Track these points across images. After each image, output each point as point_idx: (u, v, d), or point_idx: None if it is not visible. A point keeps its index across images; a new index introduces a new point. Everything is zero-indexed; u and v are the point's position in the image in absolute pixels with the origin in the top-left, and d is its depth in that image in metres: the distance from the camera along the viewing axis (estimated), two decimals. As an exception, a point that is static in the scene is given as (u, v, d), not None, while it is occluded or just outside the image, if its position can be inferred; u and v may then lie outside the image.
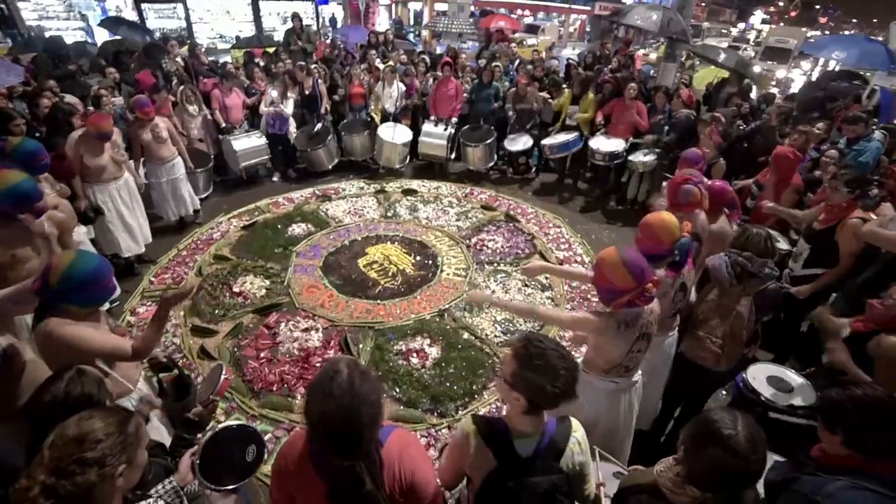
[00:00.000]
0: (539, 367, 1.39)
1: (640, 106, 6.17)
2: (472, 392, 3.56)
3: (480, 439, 1.50)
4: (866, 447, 1.41)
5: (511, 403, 1.49)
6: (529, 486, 1.42)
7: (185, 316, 4.24)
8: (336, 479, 1.30)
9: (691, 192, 2.88)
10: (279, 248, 5.28)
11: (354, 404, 1.21)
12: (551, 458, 1.49)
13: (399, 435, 1.44)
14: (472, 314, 4.37)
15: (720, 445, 1.25)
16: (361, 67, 7.61)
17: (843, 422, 1.46)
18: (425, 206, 6.37)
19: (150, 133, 4.96)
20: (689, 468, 1.35)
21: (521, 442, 1.48)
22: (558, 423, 1.55)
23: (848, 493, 1.36)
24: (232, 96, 6.51)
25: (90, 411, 1.27)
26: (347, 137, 7.12)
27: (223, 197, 6.49)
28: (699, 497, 1.33)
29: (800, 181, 4.22)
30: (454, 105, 7.07)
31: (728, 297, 2.41)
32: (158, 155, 5.10)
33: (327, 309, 4.37)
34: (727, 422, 1.28)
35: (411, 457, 1.41)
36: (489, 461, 1.47)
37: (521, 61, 9.02)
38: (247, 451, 1.65)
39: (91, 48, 9.79)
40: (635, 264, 1.95)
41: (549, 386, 1.37)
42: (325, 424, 1.22)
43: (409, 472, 1.37)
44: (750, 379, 2.48)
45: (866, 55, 8.15)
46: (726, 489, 1.31)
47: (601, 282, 2.03)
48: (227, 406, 3.39)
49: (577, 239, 5.75)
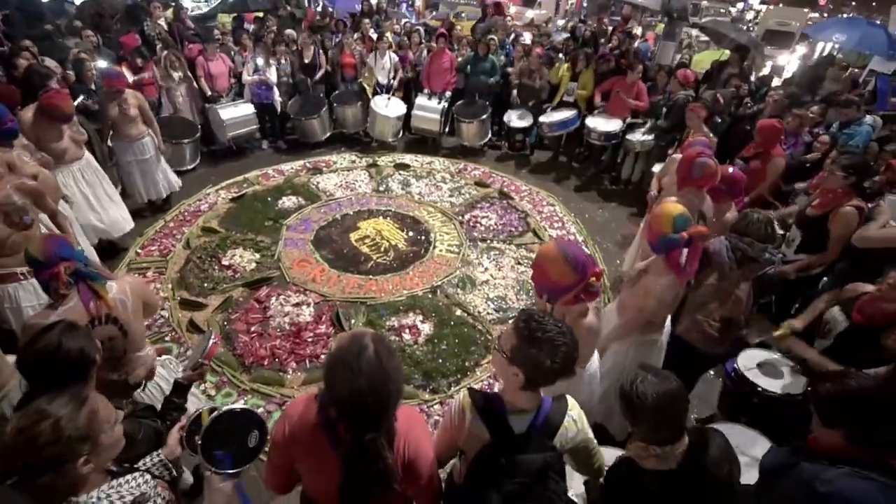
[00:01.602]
0: (539, 343, 1.38)
1: (641, 86, 6.07)
2: (465, 368, 3.57)
3: (476, 413, 1.50)
4: (869, 440, 1.41)
5: (508, 379, 1.48)
6: (522, 463, 1.42)
7: (173, 289, 4.16)
8: (352, 451, 1.29)
9: (706, 164, 2.83)
10: (269, 221, 5.18)
11: (384, 381, 1.22)
12: (546, 435, 1.49)
13: (406, 412, 1.44)
14: (464, 291, 4.35)
15: (645, 397, 1.44)
16: (354, 37, 7.36)
17: (843, 418, 1.45)
18: (418, 182, 6.27)
19: (117, 108, 4.48)
20: (640, 430, 1.53)
21: (516, 418, 1.48)
22: (554, 401, 1.55)
23: (849, 480, 1.37)
24: (217, 63, 6.26)
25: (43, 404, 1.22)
26: (339, 109, 6.94)
27: (210, 168, 6.31)
28: (660, 454, 1.47)
29: (782, 153, 4.19)
30: (449, 78, 6.90)
31: (727, 282, 2.41)
32: (126, 132, 4.62)
33: (319, 283, 4.33)
34: (638, 378, 1.49)
35: (416, 434, 1.41)
36: (483, 436, 1.47)
37: (517, 35, 8.81)
38: (250, 436, 1.62)
39: (69, 7, 9.32)
40: (576, 258, 1.89)
41: (548, 361, 1.37)
42: (355, 401, 1.22)
43: (413, 449, 1.38)
44: (741, 367, 2.50)
45: (866, 39, 7.95)
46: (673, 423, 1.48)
47: (542, 280, 1.97)
48: (218, 380, 3.37)
49: (571, 218, 5.73)
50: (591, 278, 1.92)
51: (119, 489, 1.30)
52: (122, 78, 4.56)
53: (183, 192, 5.64)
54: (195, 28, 7.48)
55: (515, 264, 4.77)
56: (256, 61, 6.36)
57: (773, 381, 2.46)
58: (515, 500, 1.41)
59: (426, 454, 1.43)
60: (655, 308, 2.26)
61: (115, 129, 4.62)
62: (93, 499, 1.25)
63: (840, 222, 3.12)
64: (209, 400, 3.20)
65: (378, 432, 1.27)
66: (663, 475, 1.47)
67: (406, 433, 1.39)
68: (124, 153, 4.75)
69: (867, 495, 1.34)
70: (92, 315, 1.92)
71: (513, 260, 4.83)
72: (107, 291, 1.99)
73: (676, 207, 2.25)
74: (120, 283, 2.11)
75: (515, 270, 4.69)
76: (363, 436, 1.26)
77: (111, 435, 1.31)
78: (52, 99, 3.69)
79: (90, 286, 1.95)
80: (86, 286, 1.94)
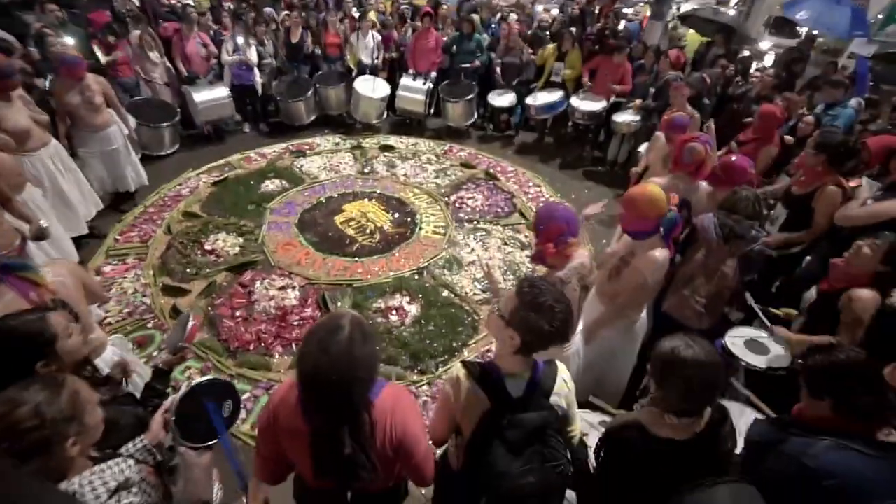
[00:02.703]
0: (539, 307, 1.41)
1: (627, 67, 6.03)
2: (452, 349, 3.56)
3: (472, 381, 1.51)
4: (854, 411, 1.43)
5: (503, 342, 1.50)
6: (522, 423, 1.44)
7: (154, 275, 4.08)
8: (316, 438, 1.29)
9: (695, 149, 2.82)
10: (252, 205, 5.09)
11: (349, 366, 1.20)
12: (541, 395, 1.51)
13: (392, 391, 1.43)
14: (451, 272, 4.34)
15: (685, 365, 1.36)
16: (337, 16, 7.17)
17: (831, 389, 1.47)
18: (403, 163, 6.20)
19: (80, 95, 4.06)
20: (665, 397, 1.44)
21: (512, 381, 1.50)
22: (546, 364, 1.57)
23: (834, 453, 1.39)
24: (192, 43, 6.04)
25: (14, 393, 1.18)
26: (323, 90, 6.79)
27: (191, 152, 6.15)
28: (676, 425, 1.44)
29: (777, 142, 4.23)
30: (434, 59, 6.78)
31: (714, 258, 2.42)
32: (90, 122, 4.20)
33: (304, 266, 4.27)
34: (682, 344, 1.40)
35: (403, 413, 1.39)
36: (482, 402, 1.49)
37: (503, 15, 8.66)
38: (223, 406, 1.60)
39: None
40: (539, 215, 2.12)
41: (546, 325, 1.40)
42: (315, 378, 1.21)
43: (400, 428, 1.37)
44: (729, 345, 2.53)
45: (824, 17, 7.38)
46: (704, 400, 1.43)
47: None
48: (203, 366, 3.31)
49: (557, 198, 5.72)
50: (549, 243, 2.11)
51: (102, 475, 1.27)
52: (81, 64, 4.10)
53: (163, 177, 5.52)
54: (170, 4, 7.21)
55: (502, 245, 4.76)
56: (236, 40, 6.16)
57: (758, 357, 2.52)
58: (519, 449, 1.44)
59: (415, 432, 1.41)
60: (654, 286, 2.26)
61: (77, 120, 4.18)
62: (74, 485, 1.22)
63: (824, 201, 3.16)
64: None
65: (339, 419, 1.26)
66: (674, 444, 1.45)
67: (392, 412, 1.37)
68: (87, 144, 4.31)
69: (852, 467, 1.36)
70: (36, 304, 1.78)
71: (499, 240, 4.81)
72: (42, 277, 1.87)
73: (658, 187, 2.22)
74: (56, 268, 2.00)
75: (502, 251, 4.68)
76: (325, 422, 1.25)
77: (94, 416, 1.29)
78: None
79: (21, 277, 1.82)
80: (15, 278, 1.81)
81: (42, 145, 3.71)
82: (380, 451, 1.35)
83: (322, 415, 1.26)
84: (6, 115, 3.42)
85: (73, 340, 1.53)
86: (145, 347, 3.41)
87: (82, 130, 4.24)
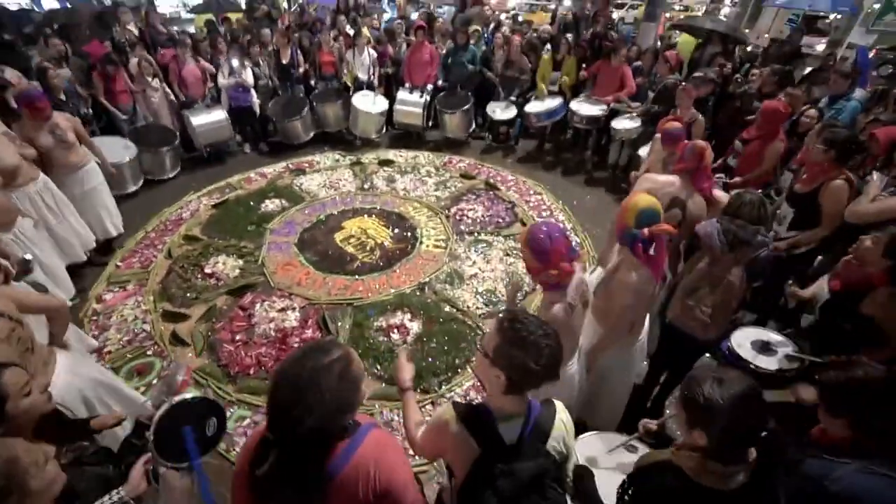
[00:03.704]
0: (524, 344, 1.31)
1: (626, 70, 5.98)
2: (455, 366, 3.49)
3: (461, 426, 1.41)
4: (875, 430, 1.35)
5: (490, 382, 1.40)
6: (516, 472, 1.33)
7: (154, 301, 4.05)
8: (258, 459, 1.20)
9: (696, 146, 2.89)
10: (252, 226, 5.07)
11: (313, 393, 1.13)
12: (538, 441, 1.41)
13: (377, 436, 1.33)
14: (453, 286, 4.27)
15: (724, 407, 1.23)
16: (331, 34, 7.22)
17: (850, 406, 1.39)
18: (403, 177, 6.17)
19: (51, 135, 3.83)
20: (701, 440, 1.30)
21: (506, 425, 1.40)
22: (542, 405, 1.47)
23: (859, 477, 1.30)
24: (189, 67, 6.09)
25: None
26: (320, 107, 6.81)
27: (191, 175, 6.18)
28: (721, 472, 1.30)
29: (783, 137, 4.14)
30: (429, 71, 6.78)
31: (719, 266, 2.32)
32: (65, 162, 3.96)
33: (304, 287, 4.23)
34: (715, 382, 1.26)
35: (388, 460, 1.30)
36: (472, 449, 1.38)
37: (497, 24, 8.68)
38: (207, 424, 1.53)
39: (36, 17, 9.09)
40: (538, 245, 1.89)
41: (532, 363, 1.29)
42: (274, 384, 1.17)
43: (385, 475, 1.27)
44: (735, 346, 2.43)
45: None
46: (749, 441, 1.29)
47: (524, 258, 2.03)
48: (203, 392, 3.26)
49: (559, 206, 5.65)
50: (552, 270, 1.89)
51: None
52: (42, 100, 3.78)
53: (164, 201, 5.54)
54: (168, 32, 7.30)
55: (504, 256, 4.69)
56: (231, 63, 6.20)
57: (767, 359, 2.41)
58: (513, 502, 1.32)
59: (401, 482, 1.30)
60: (634, 303, 2.17)
61: (51, 159, 3.87)
62: None
63: (830, 197, 3.06)
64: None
65: (283, 443, 1.17)
66: (720, 496, 1.29)
67: (375, 459, 1.27)
68: (66, 185, 4.00)
69: (878, 493, 1.27)
70: None
71: (501, 252, 4.74)
72: None
73: (645, 200, 2.14)
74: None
75: (504, 262, 4.60)
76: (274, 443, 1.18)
77: (43, 477, 1.19)
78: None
79: None
80: None
81: (30, 180, 3.60)
82: (362, 500, 1.25)
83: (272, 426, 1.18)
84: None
85: (30, 399, 1.43)
86: (145, 375, 3.37)
87: (59, 172, 3.96)
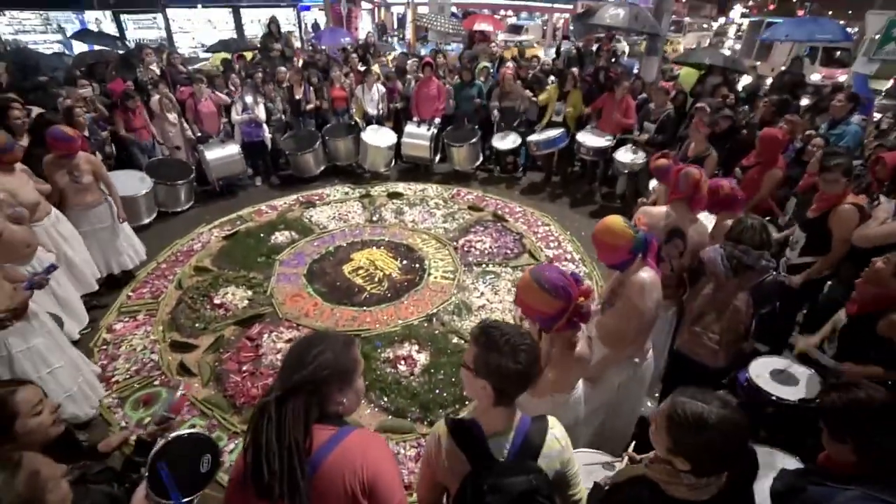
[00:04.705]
0: (499, 346, 1.33)
1: (629, 102, 6.10)
2: (462, 398, 3.43)
3: (452, 441, 1.41)
4: (879, 454, 1.31)
5: (479, 395, 1.40)
6: (505, 488, 1.30)
7: (163, 331, 4.08)
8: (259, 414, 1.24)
9: (689, 173, 2.76)
10: (262, 258, 5.14)
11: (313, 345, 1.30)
12: (528, 456, 1.39)
13: (364, 432, 1.35)
14: (460, 318, 4.26)
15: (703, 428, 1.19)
16: (343, 71, 7.50)
17: (852, 430, 1.35)
18: (411, 209, 6.25)
19: (68, 175, 3.94)
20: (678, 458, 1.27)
21: (495, 441, 1.40)
22: (533, 420, 1.46)
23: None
24: (205, 103, 6.34)
25: None
26: (331, 142, 7.00)
27: (205, 207, 6.32)
28: (694, 484, 1.27)
29: (782, 164, 4.15)
30: (437, 106, 6.97)
31: (724, 292, 2.30)
32: (78, 201, 4.07)
33: (312, 318, 4.24)
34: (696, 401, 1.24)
35: (376, 453, 1.29)
36: (463, 465, 1.38)
37: (502, 59, 8.95)
38: (201, 460, 1.52)
39: (67, 60, 9.56)
40: (553, 283, 1.80)
41: (511, 363, 1.31)
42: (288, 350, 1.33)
43: (372, 468, 1.25)
44: (754, 377, 2.37)
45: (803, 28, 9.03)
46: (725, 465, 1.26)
47: (530, 313, 1.89)
48: (208, 423, 3.24)
49: (567, 236, 5.66)
50: (580, 299, 1.82)
51: None
52: (70, 141, 3.90)
53: (176, 232, 5.65)
54: (187, 72, 7.63)
55: (512, 287, 4.68)
56: (245, 100, 6.44)
57: (788, 389, 2.34)
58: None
59: (389, 476, 1.29)
60: (652, 310, 2.14)
61: (64, 198, 4.00)
62: None
63: (840, 221, 3.06)
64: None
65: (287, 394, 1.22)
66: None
67: (363, 451, 1.26)
68: (78, 222, 4.09)
69: None
70: None
71: (509, 283, 4.74)
72: None
73: (615, 218, 2.16)
74: None
75: (512, 294, 4.58)
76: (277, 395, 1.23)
77: (58, 493, 1.23)
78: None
79: None
80: None
81: (45, 215, 3.72)
82: (348, 494, 1.22)
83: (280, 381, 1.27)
84: (16, 187, 3.47)
85: (39, 420, 1.46)
86: (151, 405, 3.36)
87: (72, 209, 4.07)
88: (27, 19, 14.81)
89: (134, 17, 16.63)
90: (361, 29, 20.99)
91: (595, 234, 2.20)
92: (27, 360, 2.75)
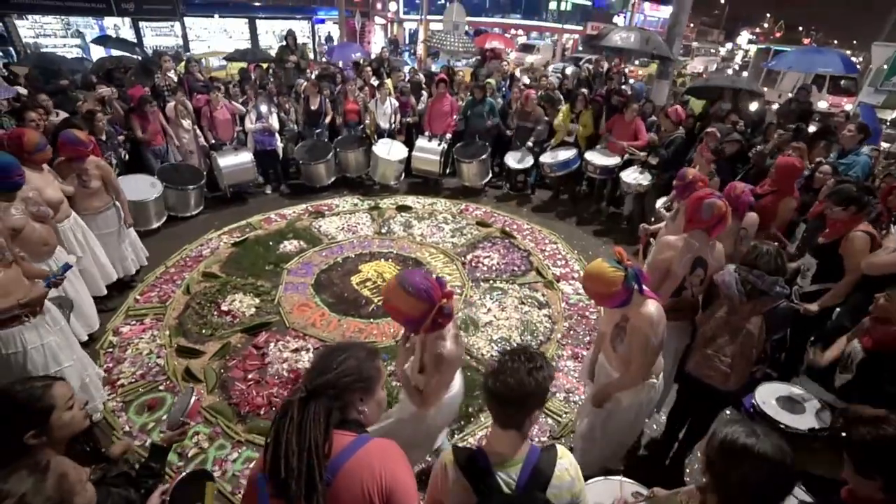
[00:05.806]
0: (493, 368, 1.41)
1: (639, 123, 6.16)
2: (469, 415, 3.41)
3: (459, 472, 1.40)
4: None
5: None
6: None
7: (170, 336, 4.09)
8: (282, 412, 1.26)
9: (715, 205, 2.59)
10: (270, 266, 5.16)
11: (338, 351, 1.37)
12: (536, 487, 1.38)
13: (383, 441, 1.34)
14: (467, 333, 4.25)
15: (745, 456, 1.19)
16: (357, 84, 7.60)
17: (881, 466, 1.33)
18: (420, 223, 6.28)
19: (77, 179, 3.97)
20: (716, 489, 1.27)
21: (502, 470, 1.39)
22: (543, 450, 1.46)
23: None
24: (220, 110, 6.44)
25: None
26: (342, 153, 7.07)
27: (215, 213, 6.36)
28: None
29: (796, 194, 4.16)
30: (449, 121, 7.05)
31: (737, 315, 2.30)
32: (86, 206, 4.09)
33: (319, 328, 4.24)
34: (745, 432, 1.23)
35: (394, 463, 1.29)
36: (470, 496, 1.37)
37: (513, 77, 9.06)
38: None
39: (88, 65, 9.74)
40: (416, 287, 1.91)
41: (490, 383, 1.39)
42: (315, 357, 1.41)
43: (390, 476, 1.25)
44: (760, 403, 2.36)
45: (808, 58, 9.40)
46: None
47: (397, 316, 2.01)
48: (212, 431, 3.23)
49: (574, 255, 5.67)
50: (442, 301, 1.95)
51: None
52: (80, 145, 3.92)
53: (185, 237, 5.68)
54: (204, 80, 7.75)
55: (519, 304, 4.67)
56: (259, 109, 6.54)
57: (795, 417, 2.32)
58: None
59: (407, 485, 1.28)
60: (660, 340, 2.14)
61: (72, 202, 3.97)
62: None
63: (850, 248, 3.07)
64: (202, 452, 3.07)
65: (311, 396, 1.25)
66: None
67: (382, 459, 1.27)
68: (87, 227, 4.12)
69: None
70: None
71: (516, 299, 4.73)
72: None
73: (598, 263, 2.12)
74: None
75: (519, 310, 4.59)
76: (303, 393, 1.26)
77: (85, 495, 1.24)
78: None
79: None
80: None
81: (66, 217, 3.78)
82: (366, 500, 1.22)
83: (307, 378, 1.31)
84: (43, 186, 3.53)
85: (72, 413, 1.50)
86: (155, 410, 3.36)
87: (80, 213, 4.06)
88: (48, 23, 15.11)
89: (152, 24, 16.98)
90: (375, 43, 21.34)
91: (585, 287, 2.17)
92: (40, 356, 2.77)
